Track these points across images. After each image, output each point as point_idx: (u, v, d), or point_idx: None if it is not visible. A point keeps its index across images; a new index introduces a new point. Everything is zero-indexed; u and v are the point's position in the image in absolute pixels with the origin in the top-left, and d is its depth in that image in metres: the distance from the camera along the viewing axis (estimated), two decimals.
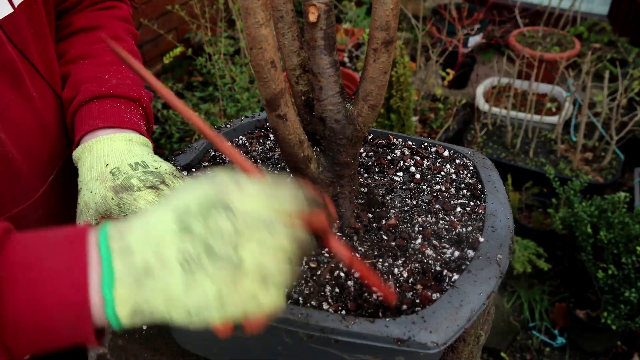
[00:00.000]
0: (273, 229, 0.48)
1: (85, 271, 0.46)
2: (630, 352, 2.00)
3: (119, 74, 0.83)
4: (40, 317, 0.45)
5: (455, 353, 0.75)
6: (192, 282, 0.46)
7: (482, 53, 3.45)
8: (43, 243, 0.48)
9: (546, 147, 2.53)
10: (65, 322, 0.46)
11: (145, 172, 0.71)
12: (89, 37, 0.87)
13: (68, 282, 0.46)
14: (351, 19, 3.24)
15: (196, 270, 0.46)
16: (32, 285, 0.45)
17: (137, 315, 0.48)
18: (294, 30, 0.68)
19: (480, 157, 0.90)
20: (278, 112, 0.66)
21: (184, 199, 0.49)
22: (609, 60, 2.87)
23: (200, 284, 0.46)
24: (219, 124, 1.62)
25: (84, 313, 0.46)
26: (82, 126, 0.77)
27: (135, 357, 0.79)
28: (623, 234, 1.72)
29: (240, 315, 0.49)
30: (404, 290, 0.67)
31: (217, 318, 0.48)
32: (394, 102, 2.01)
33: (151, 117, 0.85)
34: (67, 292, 0.46)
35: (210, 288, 0.47)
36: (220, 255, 0.46)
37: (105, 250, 0.47)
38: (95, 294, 0.46)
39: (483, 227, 0.74)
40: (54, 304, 0.45)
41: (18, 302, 0.45)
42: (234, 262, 0.47)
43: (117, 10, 0.92)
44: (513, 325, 2.12)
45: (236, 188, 0.49)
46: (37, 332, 0.46)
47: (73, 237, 0.48)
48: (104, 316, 0.47)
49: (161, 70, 3.11)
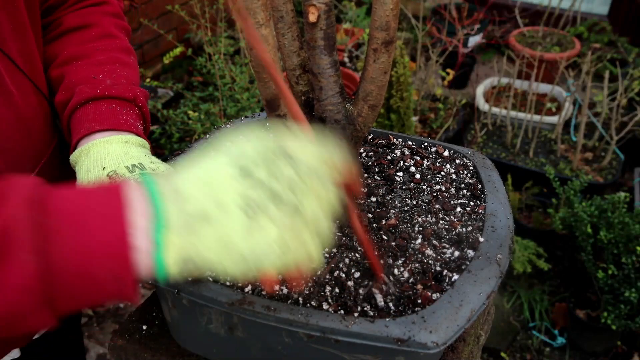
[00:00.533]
0: (326, 183, 0.49)
1: (128, 218, 0.46)
2: (630, 352, 2.00)
3: (113, 74, 0.82)
4: (85, 266, 0.45)
5: (455, 353, 0.75)
6: (255, 226, 0.46)
7: (482, 53, 3.45)
8: (84, 194, 0.48)
9: (546, 147, 2.53)
10: (108, 271, 0.46)
11: (142, 174, 0.71)
12: (80, 36, 0.86)
13: (112, 229, 0.45)
14: (351, 19, 3.24)
15: (259, 214, 0.46)
16: (79, 233, 0.45)
17: (186, 264, 0.47)
18: (294, 31, 0.68)
19: (480, 157, 0.90)
20: (278, 112, 0.66)
21: (241, 148, 0.49)
22: (609, 60, 2.87)
23: (263, 228, 0.46)
24: (219, 124, 1.62)
25: (127, 261, 0.45)
26: (79, 129, 0.77)
27: (135, 357, 0.79)
28: (623, 234, 1.72)
29: (292, 264, 0.48)
30: (404, 290, 0.67)
31: (273, 265, 0.48)
32: (394, 102, 2.01)
33: (147, 116, 0.84)
34: (111, 238, 0.45)
35: (274, 232, 0.47)
36: (284, 201, 0.47)
37: (155, 196, 0.47)
38: (144, 240, 0.46)
39: (483, 227, 0.74)
40: (99, 251, 0.45)
41: (65, 252, 0.45)
42: (298, 208, 0.47)
43: (107, 7, 0.91)
44: (513, 325, 2.12)
45: (293, 137, 0.50)
46: (83, 281, 0.46)
47: (114, 187, 0.48)
48: (151, 263, 0.46)
49: (161, 70, 3.11)
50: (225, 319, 0.67)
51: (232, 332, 0.68)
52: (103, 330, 2.09)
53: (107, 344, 0.82)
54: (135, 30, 2.85)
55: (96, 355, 2.02)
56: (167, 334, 0.80)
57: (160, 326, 0.81)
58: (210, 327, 0.70)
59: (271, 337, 0.66)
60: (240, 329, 0.67)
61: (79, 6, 0.88)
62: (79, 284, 0.46)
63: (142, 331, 0.81)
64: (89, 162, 0.73)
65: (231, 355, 0.74)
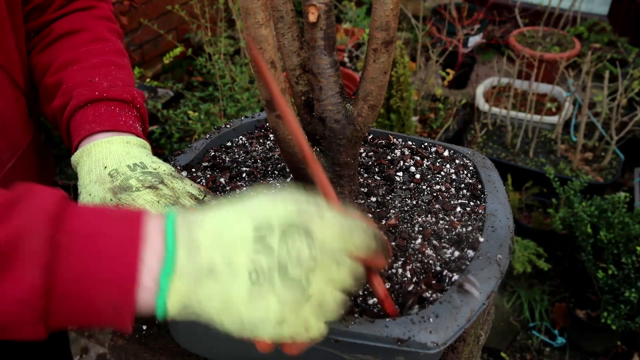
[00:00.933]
0: (341, 262, 0.49)
1: (141, 254, 0.46)
2: (630, 352, 2.00)
3: (109, 76, 0.83)
4: (88, 290, 0.45)
5: (455, 353, 0.75)
6: (257, 295, 0.46)
7: (482, 53, 3.45)
8: (103, 218, 0.48)
9: (546, 147, 2.53)
10: (109, 300, 0.46)
11: (143, 173, 0.71)
12: (73, 41, 0.86)
13: (123, 260, 0.46)
14: (351, 19, 3.24)
15: (265, 284, 0.46)
16: (88, 257, 0.45)
17: (185, 311, 0.47)
18: (294, 31, 0.68)
19: (480, 157, 0.90)
20: (278, 113, 0.66)
21: (263, 209, 0.49)
22: (609, 60, 2.87)
23: (264, 299, 0.46)
24: (219, 124, 1.62)
25: (130, 295, 0.46)
26: (79, 131, 0.77)
27: (135, 357, 0.79)
28: (623, 234, 1.72)
29: (287, 337, 0.49)
30: (405, 290, 0.67)
31: (269, 335, 0.48)
32: (394, 102, 2.01)
33: (146, 118, 0.85)
34: (119, 270, 0.46)
35: (275, 306, 0.47)
36: (292, 277, 0.47)
37: (170, 239, 0.47)
38: (150, 280, 0.46)
39: (483, 227, 0.74)
40: (105, 279, 0.45)
41: (72, 271, 0.45)
42: (303, 287, 0.47)
43: (96, 10, 0.91)
44: (513, 325, 2.12)
45: (317, 214, 0.49)
46: (82, 304, 0.46)
47: (134, 217, 0.48)
48: (151, 303, 0.46)
49: (161, 70, 3.11)
50: None
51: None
52: (103, 330, 2.09)
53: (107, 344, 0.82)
54: (135, 30, 2.85)
55: (96, 355, 2.01)
56: (167, 334, 0.80)
57: (160, 326, 0.81)
58: (210, 327, 0.70)
59: None
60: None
61: (68, 10, 0.88)
62: (78, 306, 0.46)
63: (142, 331, 0.81)
64: (91, 162, 0.73)
65: (231, 355, 0.74)
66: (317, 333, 0.50)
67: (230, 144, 0.97)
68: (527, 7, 3.44)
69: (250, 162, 0.91)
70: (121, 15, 2.10)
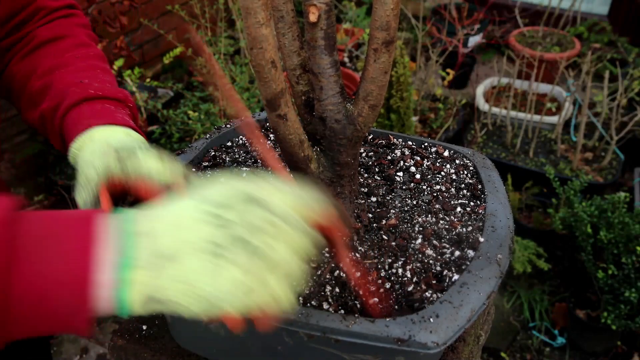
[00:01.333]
0: (302, 229, 0.50)
1: (94, 252, 0.46)
2: (630, 352, 2.00)
3: (97, 79, 0.84)
4: (42, 294, 0.45)
5: (455, 353, 0.75)
6: (220, 269, 0.47)
7: (482, 53, 3.45)
8: (55, 221, 0.48)
9: (546, 147, 2.53)
10: (64, 301, 0.46)
11: (149, 148, 0.72)
12: (56, 47, 0.87)
13: (75, 260, 0.46)
14: (351, 19, 3.24)
15: (226, 258, 0.47)
16: (41, 260, 0.45)
17: (150, 303, 0.47)
18: (294, 30, 0.68)
19: (480, 157, 0.90)
20: (278, 112, 0.66)
21: (215, 191, 0.50)
22: (609, 60, 2.87)
23: (227, 272, 0.47)
24: (219, 124, 1.62)
25: (83, 294, 0.45)
26: (77, 127, 0.77)
27: (135, 357, 0.79)
28: (623, 234, 1.72)
29: (256, 308, 0.49)
30: (405, 291, 0.67)
31: (236, 308, 0.48)
32: (394, 102, 2.01)
33: (137, 117, 0.87)
34: (71, 270, 0.45)
35: (238, 276, 0.47)
36: (252, 246, 0.48)
37: (127, 232, 0.47)
38: (109, 276, 0.46)
39: (483, 227, 0.74)
40: (57, 281, 0.45)
41: (26, 277, 0.45)
42: (265, 254, 0.48)
43: (76, 18, 0.92)
44: (513, 325, 2.12)
45: (269, 185, 0.51)
46: (38, 309, 0.46)
47: (88, 217, 0.48)
48: (112, 300, 0.46)
49: (161, 70, 3.11)
50: None
51: (232, 332, 0.68)
52: (103, 330, 2.09)
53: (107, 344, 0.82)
54: (135, 30, 2.85)
55: (96, 355, 2.01)
56: (167, 334, 0.80)
57: (160, 326, 0.81)
58: (210, 327, 0.70)
59: (271, 337, 0.65)
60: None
61: (49, 19, 0.89)
62: (33, 311, 0.46)
63: (142, 331, 0.81)
64: (94, 144, 0.73)
65: (231, 355, 0.74)
66: (286, 302, 0.50)
67: (231, 144, 0.98)
68: (527, 7, 3.44)
69: (251, 162, 0.91)
70: (121, 15, 2.10)
